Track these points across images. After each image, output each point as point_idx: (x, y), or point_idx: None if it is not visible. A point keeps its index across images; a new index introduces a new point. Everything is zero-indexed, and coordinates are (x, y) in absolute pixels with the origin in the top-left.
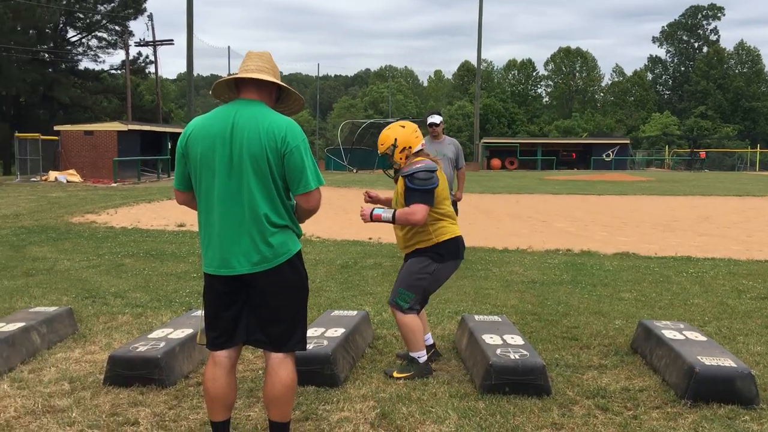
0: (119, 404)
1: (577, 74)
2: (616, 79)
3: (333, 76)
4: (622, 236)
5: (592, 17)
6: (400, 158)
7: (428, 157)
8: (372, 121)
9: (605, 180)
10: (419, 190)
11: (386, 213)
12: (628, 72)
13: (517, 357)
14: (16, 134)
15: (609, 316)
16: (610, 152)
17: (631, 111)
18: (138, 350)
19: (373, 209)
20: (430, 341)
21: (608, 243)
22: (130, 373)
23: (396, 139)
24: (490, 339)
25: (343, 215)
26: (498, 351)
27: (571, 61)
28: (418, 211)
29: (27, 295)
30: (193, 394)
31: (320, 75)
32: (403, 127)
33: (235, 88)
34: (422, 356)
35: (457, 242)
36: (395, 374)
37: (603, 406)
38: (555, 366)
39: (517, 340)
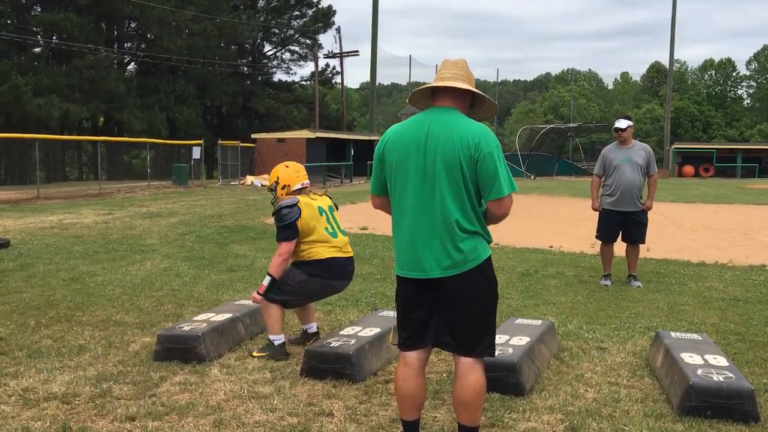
0: (315, 395)
1: None
2: None
3: (512, 81)
4: None
5: None
6: (281, 194)
7: (306, 194)
8: (552, 126)
9: None
10: (280, 226)
11: (265, 280)
12: None
13: (721, 379)
14: (219, 141)
15: None
16: None
17: None
18: (331, 345)
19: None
20: (314, 329)
21: None
22: (324, 366)
23: (278, 177)
24: (690, 358)
25: (522, 222)
26: (699, 371)
27: None
28: (282, 247)
29: (231, 289)
30: (382, 390)
31: (499, 80)
32: (287, 167)
33: (431, 95)
34: (278, 339)
35: (327, 263)
36: (254, 353)
37: None
38: (764, 392)
39: (721, 361)
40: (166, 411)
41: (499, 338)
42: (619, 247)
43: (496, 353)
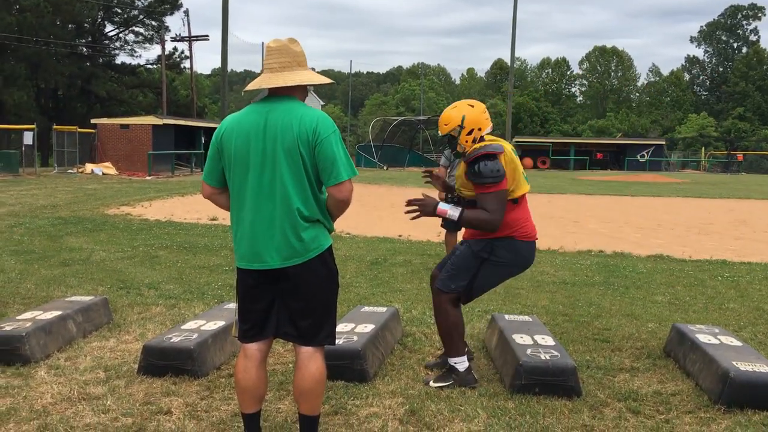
0: (152, 393)
1: (612, 73)
2: (653, 79)
3: (365, 72)
4: (656, 238)
5: (629, 16)
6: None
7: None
8: (403, 118)
9: (639, 181)
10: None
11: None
12: (665, 72)
13: (548, 357)
14: (54, 126)
15: (642, 319)
16: (644, 153)
17: (667, 111)
18: (171, 341)
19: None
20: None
21: (642, 245)
22: (163, 363)
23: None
24: (521, 339)
25: (374, 212)
26: (528, 351)
27: (607, 60)
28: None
29: (63, 285)
30: (225, 385)
31: (353, 72)
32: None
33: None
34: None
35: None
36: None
37: (635, 409)
38: (586, 368)
39: (548, 340)
40: None
41: (345, 326)
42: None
43: (341, 341)
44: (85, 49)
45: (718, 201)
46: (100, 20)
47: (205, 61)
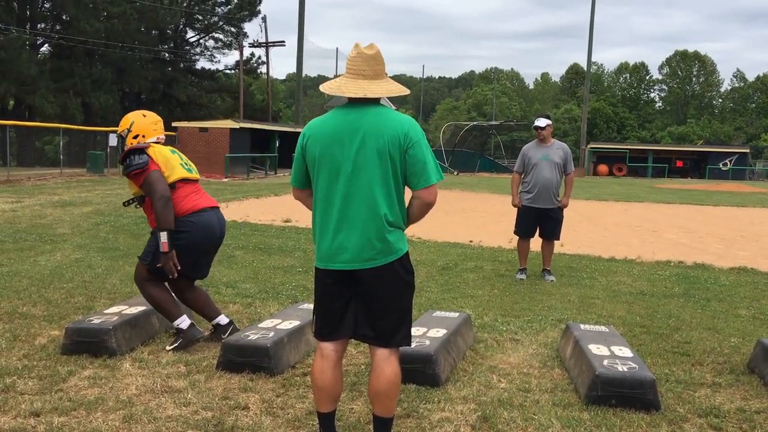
0: (231, 389)
1: (694, 79)
2: (737, 85)
3: (437, 77)
4: (740, 250)
5: (713, 19)
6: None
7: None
8: (475, 123)
9: (722, 190)
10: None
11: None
12: (751, 77)
13: (625, 369)
14: None
15: (724, 333)
16: (727, 161)
17: (752, 118)
18: (249, 338)
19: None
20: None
21: (724, 257)
22: (241, 359)
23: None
24: (597, 349)
25: (444, 217)
26: (605, 362)
27: (688, 65)
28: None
29: None
30: (300, 383)
31: (424, 76)
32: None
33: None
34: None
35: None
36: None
37: (716, 425)
38: (665, 381)
39: (626, 352)
40: (74, 406)
41: (417, 330)
42: (536, 243)
43: (414, 344)
44: (167, 55)
45: None
46: (181, 27)
47: (280, 66)
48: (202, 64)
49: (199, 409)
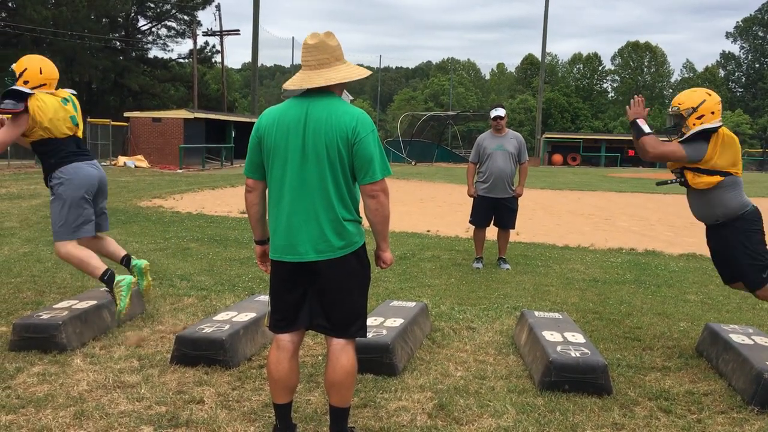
0: (185, 383)
1: (645, 69)
2: (687, 75)
3: (394, 68)
4: (689, 237)
5: (663, 11)
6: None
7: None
8: (432, 113)
9: (672, 178)
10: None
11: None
12: (699, 68)
13: (578, 355)
14: (89, 119)
15: (673, 318)
16: None
17: None
18: (204, 331)
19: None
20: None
21: (674, 243)
22: (195, 353)
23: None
24: (551, 336)
25: (402, 207)
26: (558, 348)
27: (640, 56)
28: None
29: None
30: (256, 376)
31: (381, 66)
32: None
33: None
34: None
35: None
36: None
37: (666, 408)
38: (616, 366)
39: (578, 338)
40: (22, 404)
41: (374, 320)
42: (492, 232)
43: (371, 334)
44: (118, 43)
45: (754, 200)
46: (133, 15)
47: (235, 55)
48: (155, 52)
49: (153, 404)
